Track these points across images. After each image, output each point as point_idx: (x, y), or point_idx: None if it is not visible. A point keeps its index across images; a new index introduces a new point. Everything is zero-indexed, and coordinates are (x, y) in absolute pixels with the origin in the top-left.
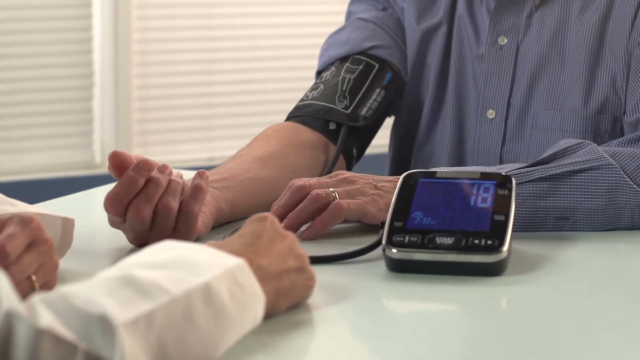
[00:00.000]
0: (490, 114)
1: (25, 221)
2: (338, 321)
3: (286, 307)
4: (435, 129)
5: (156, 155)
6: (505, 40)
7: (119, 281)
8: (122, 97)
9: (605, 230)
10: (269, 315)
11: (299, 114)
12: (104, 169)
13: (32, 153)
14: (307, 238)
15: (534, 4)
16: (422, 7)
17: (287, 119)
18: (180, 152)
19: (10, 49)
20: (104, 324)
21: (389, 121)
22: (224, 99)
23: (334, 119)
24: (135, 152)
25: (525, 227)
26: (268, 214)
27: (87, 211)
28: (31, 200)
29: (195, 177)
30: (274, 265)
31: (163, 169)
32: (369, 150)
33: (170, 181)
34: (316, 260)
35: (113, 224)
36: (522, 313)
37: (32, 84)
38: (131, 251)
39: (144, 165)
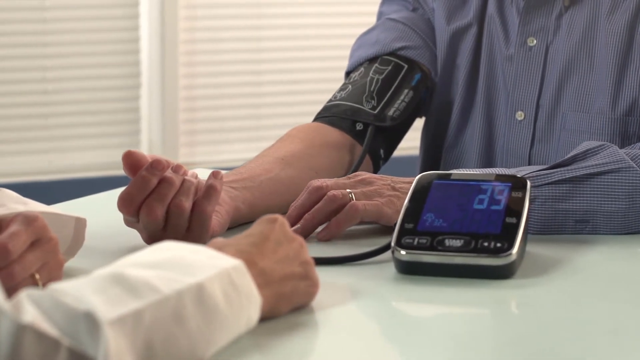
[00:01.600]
0: (519, 115)
1: (29, 219)
2: (340, 323)
3: (287, 311)
4: (465, 130)
5: (203, 155)
6: (535, 41)
7: (109, 279)
8: (169, 97)
9: (626, 234)
10: (269, 318)
11: (326, 115)
12: None
13: (80, 152)
14: (322, 239)
15: (564, 5)
16: (452, 7)
17: (315, 119)
18: (227, 152)
19: (58, 48)
20: (90, 322)
21: (420, 123)
22: (272, 99)
23: (361, 119)
24: (183, 152)
25: (545, 230)
26: (278, 216)
27: (109, 210)
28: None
29: (209, 177)
30: (278, 270)
31: (177, 169)
32: (400, 152)
33: (183, 181)
34: (325, 261)
35: (128, 223)
36: (526, 317)
37: (79, 84)
38: None
39: (157, 165)
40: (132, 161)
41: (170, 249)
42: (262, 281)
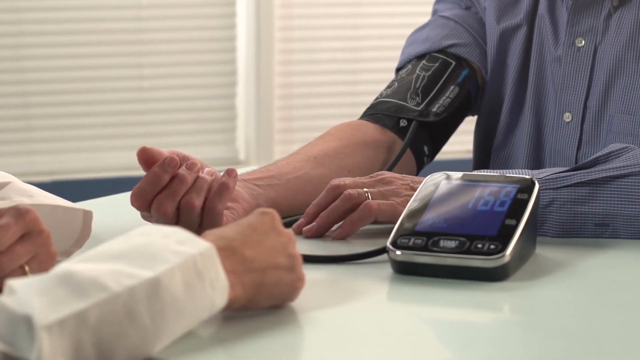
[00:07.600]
0: (567, 117)
1: (19, 212)
2: (331, 321)
3: (268, 304)
4: (514, 131)
5: None
6: (583, 42)
7: (57, 279)
8: (264, 95)
9: None
10: (247, 309)
11: (371, 112)
12: (248, 165)
13: (176, 148)
14: (336, 238)
15: (612, 5)
16: (503, 6)
17: (361, 117)
18: None
19: (154, 46)
20: (28, 326)
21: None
22: (368, 99)
23: (405, 115)
24: (277, 149)
25: (564, 233)
26: (271, 210)
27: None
28: None
29: (223, 175)
30: (261, 259)
31: (191, 166)
32: (457, 155)
33: (197, 178)
34: (322, 260)
35: (144, 218)
36: (514, 321)
37: (175, 81)
38: None
39: (170, 162)
40: (147, 157)
41: (144, 235)
42: (242, 268)
